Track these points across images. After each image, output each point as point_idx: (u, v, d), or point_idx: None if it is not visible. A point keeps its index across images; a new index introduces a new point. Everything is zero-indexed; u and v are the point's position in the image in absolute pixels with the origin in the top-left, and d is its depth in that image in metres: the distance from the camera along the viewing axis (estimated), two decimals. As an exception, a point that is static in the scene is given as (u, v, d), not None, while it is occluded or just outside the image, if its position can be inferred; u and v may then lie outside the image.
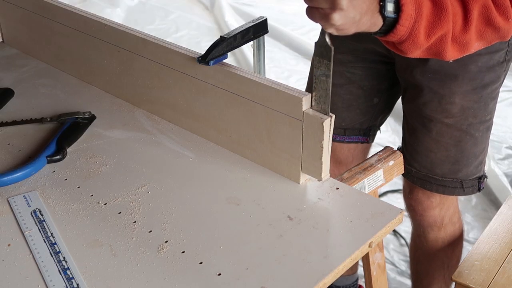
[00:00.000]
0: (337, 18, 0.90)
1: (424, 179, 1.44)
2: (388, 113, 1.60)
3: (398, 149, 1.48)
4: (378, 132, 1.61)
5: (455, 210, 1.54)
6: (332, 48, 0.94)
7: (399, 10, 0.96)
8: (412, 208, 1.53)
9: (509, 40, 1.29)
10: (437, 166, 1.41)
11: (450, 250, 1.58)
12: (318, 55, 0.96)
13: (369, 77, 1.48)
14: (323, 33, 0.94)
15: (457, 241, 1.58)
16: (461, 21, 1.01)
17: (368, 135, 1.57)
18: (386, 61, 1.43)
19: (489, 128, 1.40)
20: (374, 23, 0.97)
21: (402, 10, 0.96)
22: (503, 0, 1.01)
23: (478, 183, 1.44)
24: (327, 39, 0.94)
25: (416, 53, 1.05)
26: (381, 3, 0.95)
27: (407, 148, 1.45)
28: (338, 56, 1.43)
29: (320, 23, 0.93)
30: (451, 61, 1.09)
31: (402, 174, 1.49)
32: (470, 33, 1.03)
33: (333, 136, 1.52)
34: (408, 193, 1.52)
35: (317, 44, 0.96)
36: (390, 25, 0.98)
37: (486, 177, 1.46)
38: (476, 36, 1.05)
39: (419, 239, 1.60)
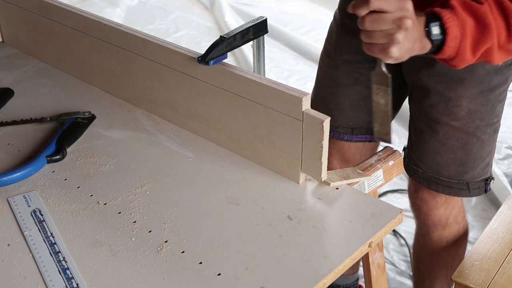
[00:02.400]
0: (395, 51, 0.98)
1: (430, 179, 1.43)
2: (396, 113, 1.59)
3: (404, 149, 1.48)
4: None
5: (460, 210, 1.54)
6: (390, 76, 1.04)
7: (445, 32, 1.03)
8: (417, 207, 1.53)
9: None
10: (443, 168, 1.40)
11: (454, 249, 1.57)
12: (375, 83, 1.07)
13: None
14: (379, 63, 1.05)
15: (461, 240, 1.58)
16: (505, 33, 1.06)
17: None
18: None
19: (496, 130, 1.39)
20: (423, 47, 1.04)
21: (447, 33, 1.03)
22: None
23: (484, 185, 1.43)
24: (384, 69, 1.05)
25: (465, 65, 1.10)
26: (426, 29, 1.02)
27: (413, 149, 1.45)
28: (345, 56, 1.44)
29: (379, 57, 1.02)
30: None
31: (408, 174, 1.48)
32: None
33: (340, 135, 1.53)
34: (414, 192, 1.51)
35: (373, 73, 1.06)
36: (438, 46, 1.05)
37: (493, 178, 1.45)
38: None
39: (423, 238, 1.59)
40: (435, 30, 1.03)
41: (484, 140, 1.37)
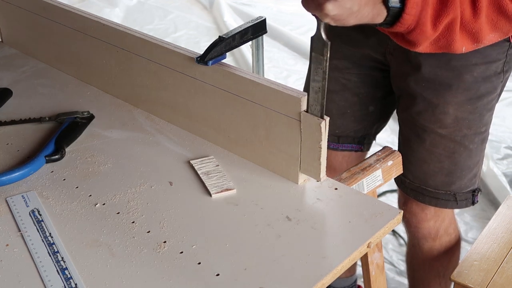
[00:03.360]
0: (330, 8, 0.88)
1: (417, 190, 1.42)
2: (384, 123, 1.56)
3: None
4: (374, 141, 1.59)
5: (450, 222, 1.52)
6: (328, 43, 0.91)
7: None
8: (406, 220, 1.51)
9: (507, 51, 1.27)
10: (430, 177, 1.39)
11: (446, 260, 1.55)
12: (313, 50, 0.93)
13: (364, 84, 1.46)
14: (318, 25, 0.91)
15: (453, 250, 1.56)
16: (469, 9, 0.99)
17: (362, 143, 1.54)
18: (382, 68, 1.41)
19: (484, 140, 1.37)
20: (377, 14, 0.95)
21: None
22: None
23: (472, 196, 1.42)
24: (323, 33, 0.91)
25: (425, 45, 1.03)
26: None
27: (401, 158, 1.44)
28: (333, 62, 1.41)
29: (315, 14, 0.91)
30: (463, 50, 1.06)
31: (396, 184, 1.48)
32: (480, 21, 1.01)
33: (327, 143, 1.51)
34: (403, 204, 1.50)
35: (313, 38, 0.93)
36: (395, 15, 0.96)
37: (480, 190, 1.44)
38: (488, 25, 1.02)
39: (414, 249, 1.58)
40: None
41: (471, 149, 1.35)
